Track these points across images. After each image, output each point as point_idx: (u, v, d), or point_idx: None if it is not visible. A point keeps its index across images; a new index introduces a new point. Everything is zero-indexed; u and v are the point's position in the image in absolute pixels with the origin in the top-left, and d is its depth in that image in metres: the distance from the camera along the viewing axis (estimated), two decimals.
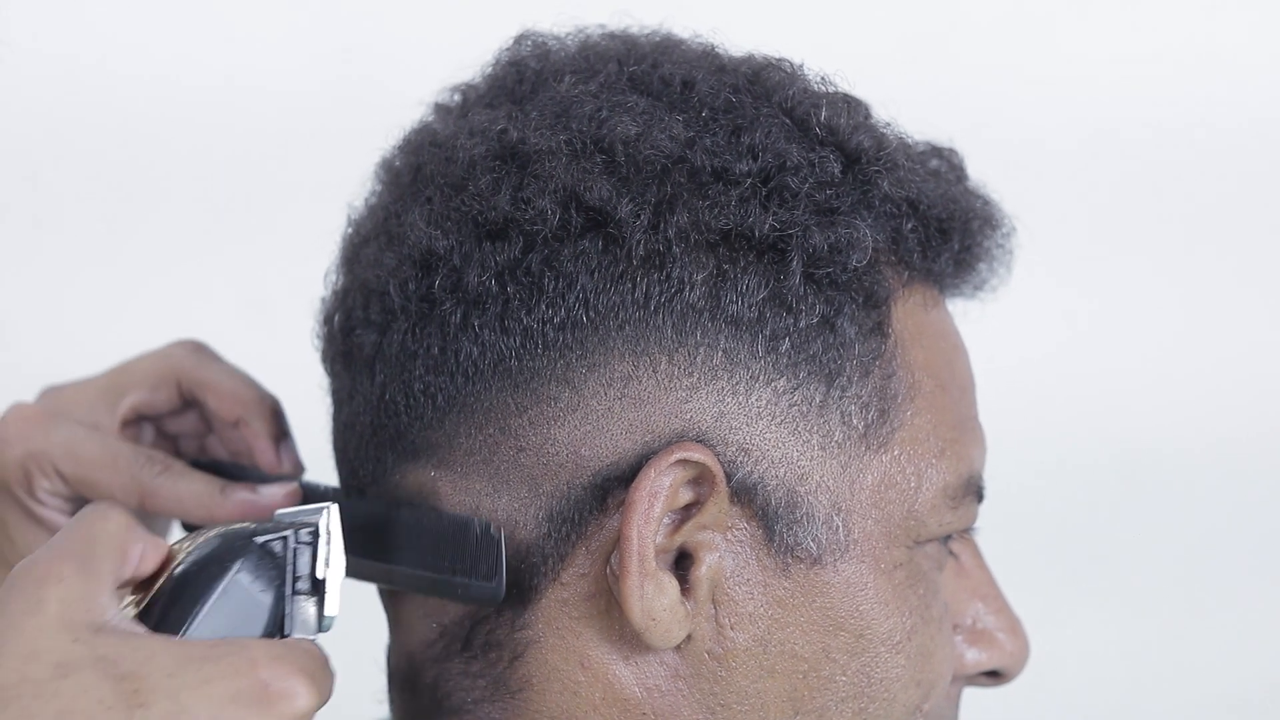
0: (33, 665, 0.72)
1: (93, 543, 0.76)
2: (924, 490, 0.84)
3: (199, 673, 0.73)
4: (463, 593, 0.83)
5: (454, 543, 0.83)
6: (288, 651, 0.75)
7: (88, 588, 0.75)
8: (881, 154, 0.85)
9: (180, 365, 0.96)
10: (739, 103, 0.85)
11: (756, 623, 0.82)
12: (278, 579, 0.79)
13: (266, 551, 0.79)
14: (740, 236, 0.82)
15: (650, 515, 0.80)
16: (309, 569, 0.79)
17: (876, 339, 0.84)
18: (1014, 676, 0.90)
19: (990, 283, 0.91)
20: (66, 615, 0.74)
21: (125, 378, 0.97)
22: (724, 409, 0.82)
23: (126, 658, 0.73)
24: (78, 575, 0.75)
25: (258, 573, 0.78)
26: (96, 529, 0.77)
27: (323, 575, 0.79)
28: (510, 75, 0.89)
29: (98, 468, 0.93)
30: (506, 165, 0.83)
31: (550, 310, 0.82)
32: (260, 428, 0.95)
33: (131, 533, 0.77)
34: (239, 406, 0.95)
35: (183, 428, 0.98)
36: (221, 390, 0.95)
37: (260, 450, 0.94)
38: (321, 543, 0.80)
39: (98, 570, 0.75)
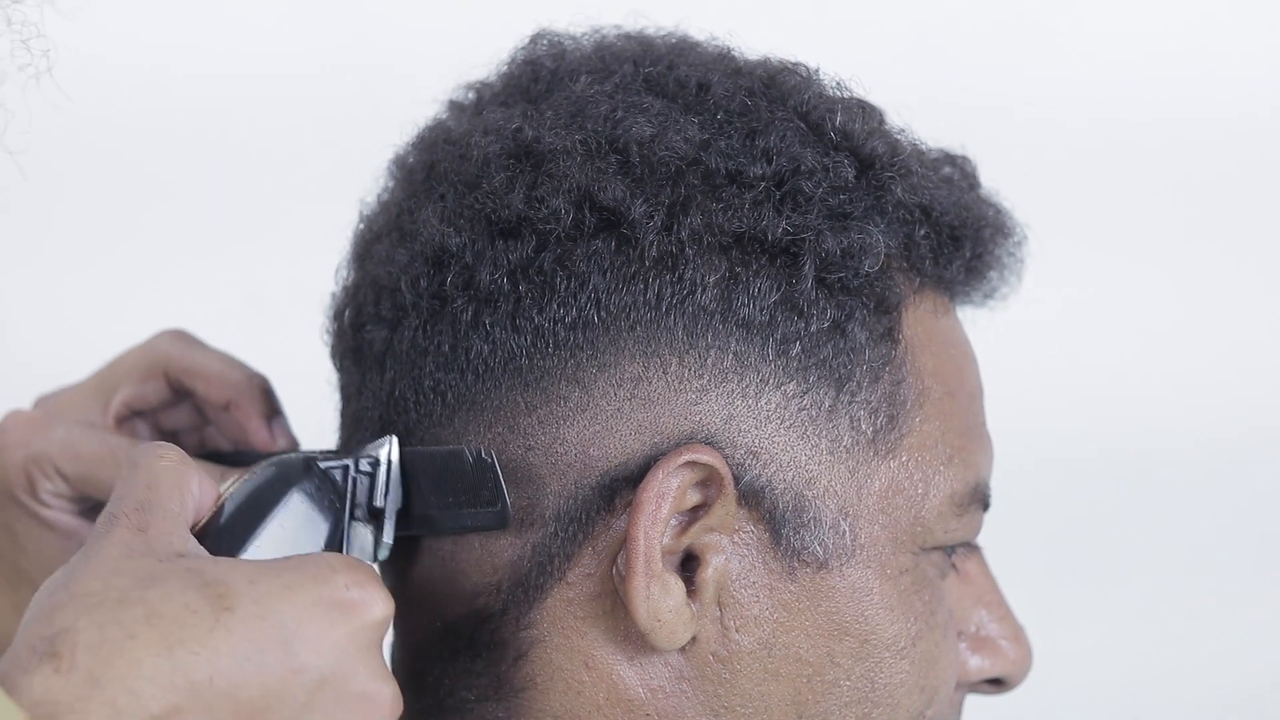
0: (118, 577, 0.72)
1: (154, 484, 0.77)
2: (931, 497, 0.84)
3: (281, 579, 0.74)
4: (471, 522, 0.83)
5: (451, 476, 0.83)
6: (365, 566, 0.77)
7: (164, 525, 0.76)
8: (895, 160, 0.85)
9: (166, 354, 0.96)
10: (754, 106, 0.85)
11: (761, 626, 0.82)
12: (338, 505, 0.80)
13: (327, 477, 0.80)
14: (753, 239, 0.82)
15: (657, 516, 0.80)
16: (366, 498, 0.81)
17: (887, 345, 0.84)
18: (1016, 684, 0.90)
19: (1001, 291, 0.91)
20: (148, 546, 0.74)
21: (113, 374, 0.97)
22: (733, 411, 0.82)
23: (209, 569, 0.73)
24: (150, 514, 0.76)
25: (318, 495, 0.80)
26: (155, 469, 0.78)
27: (381, 504, 0.81)
28: (525, 74, 0.89)
29: (98, 463, 0.93)
30: (521, 164, 0.83)
31: (562, 309, 0.82)
32: (250, 407, 0.95)
33: (188, 466, 0.78)
34: (227, 388, 0.95)
35: (178, 422, 0.98)
36: (209, 374, 0.95)
37: (253, 430, 0.94)
38: (380, 472, 0.81)
39: (167, 507, 0.76)
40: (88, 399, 0.96)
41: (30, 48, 0.75)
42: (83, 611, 0.71)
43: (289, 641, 0.73)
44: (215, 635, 0.71)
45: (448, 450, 0.83)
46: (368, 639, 0.75)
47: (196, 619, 0.71)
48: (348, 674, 0.74)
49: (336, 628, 0.74)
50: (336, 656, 0.74)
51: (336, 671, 0.74)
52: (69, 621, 0.71)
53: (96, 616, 0.71)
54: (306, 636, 0.73)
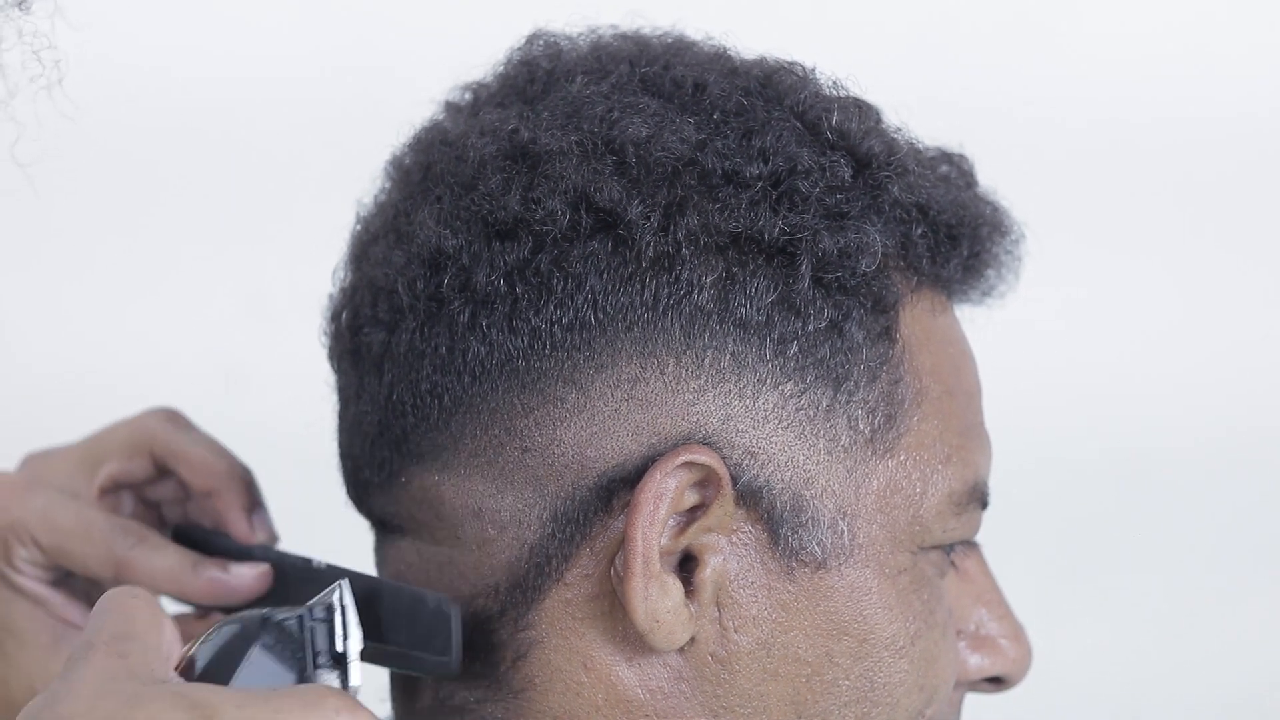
0: (103, 701, 0.71)
1: (132, 618, 0.76)
2: (929, 496, 0.84)
3: (270, 704, 0.72)
4: (417, 665, 0.83)
5: (409, 616, 0.83)
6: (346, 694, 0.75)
7: (145, 654, 0.74)
8: (892, 159, 0.85)
9: (153, 436, 0.96)
10: (750, 106, 0.84)
11: (760, 626, 0.82)
12: (299, 654, 0.79)
13: (283, 630, 0.80)
14: (750, 240, 0.82)
15: (655, 517, 0.80)
16: (328, 644, 0.79)
17: (884, 344, 0.84)
18: (1016, 683, 0.90)
19: (999, 289, 0.91)
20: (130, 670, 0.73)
21: (101, 447, 0.97)
22: (731, 412, 0.82)
23: (195, 693, 0.72)
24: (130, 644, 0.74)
25: (277, 650, 0.79)
26: (131, 606, 0.76)
27: (342, 648, 0.80)
28: (522, 75, 0.88)
29: (73, 538, 0.93)
30: (517, 165, 0.83)
31: (558, 311, 0.82)
32: (232, 499, 0.95)
33: (161, 614, 0.77)
34: (210, 478, 0.95)
35: (163, 494, 0.98)
36: (193, 462, 0.95)
37: (232, 522, 0.94)
38: (337, 617, 0.80)
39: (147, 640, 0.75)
40: (75, 468, 0.96)
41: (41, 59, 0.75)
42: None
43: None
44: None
45: (412, 591, 0.83)
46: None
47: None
48: None
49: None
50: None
51: None
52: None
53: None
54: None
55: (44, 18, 0.76)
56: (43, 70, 0.76)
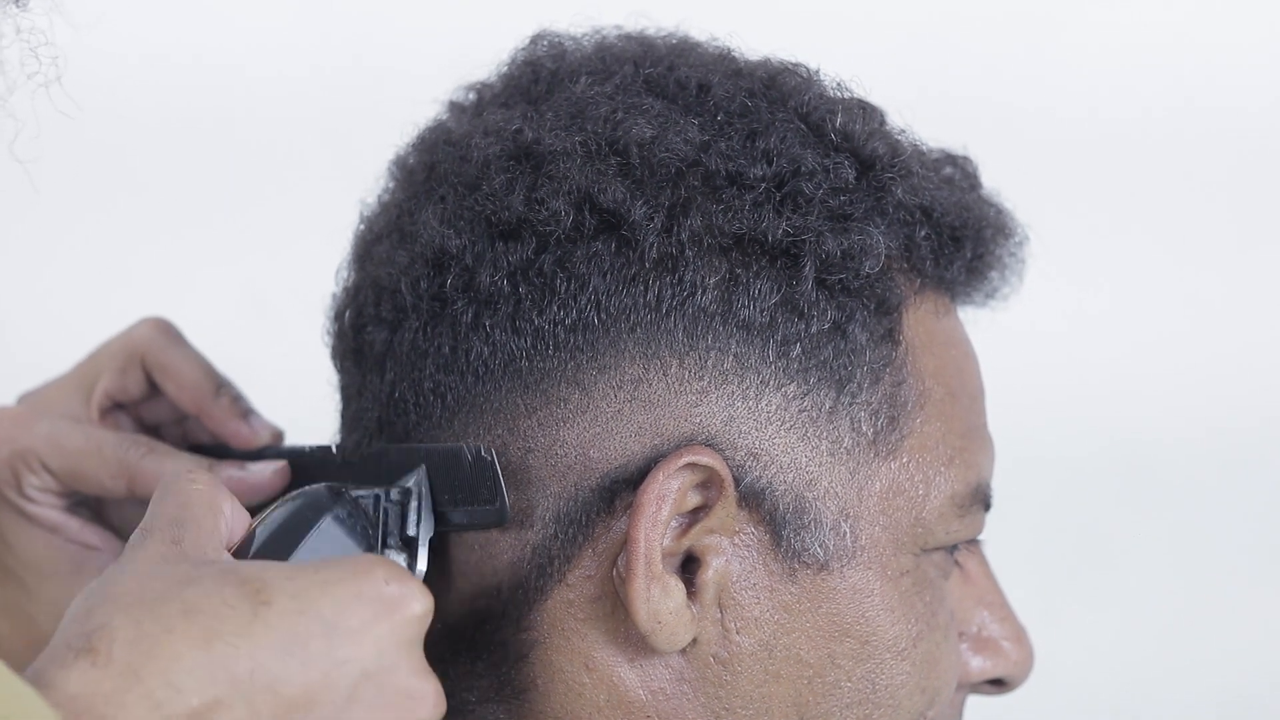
0: (155, 580, 0.72)
1: (189, 503, 0.77)
2: (932, 498, 0.84)
3: (319, 575, 0.74)
4: (469, 519, 0.83)
5: (449, 473, 0.83)
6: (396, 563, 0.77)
7: (199, 538, 0.76)
8: (896, 161, 0.85)
9: (144, 347, 0.95)
10: (754, 107, 0.84)
11: (762, 627, 0.82)
12: (369, 531, 0.80)
13: (356, 505, 0.80)
14: (753, 241, 0.82)
15: (658, 518, 0.80)
16: (399, 526, 0.81)
17: (887, 346, 0.84)
18: (1018, 685, 0.90)
19: (1002, 291, 0.91)
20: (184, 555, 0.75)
21: (94, 365, 0.96)
22: (734, 413, 0.82)
23: (245, 569, 0.74)
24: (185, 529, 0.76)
25: (350, 522, 0.80)
26: (188, 490, 0.78)
27: (414, 533, 0.81)
28: (526, 75, 0.89)
29: (84, 457, 0.93)
30: (521, 165, 0.83)
31: (562, 311, 0.82)
32: (222, 413, 0.94)
33: (220, 491, 0.78)
34: (197, 397, 0.94)
35: (160, 415, 0.97)
36: (180, 380, 0.94)
37: (231, 434, 0.94)
38: (412, 502, 0.81)
39: (203, 524, 0.76)
40: (70, 392, 0.96)
41: (39, 56, 0.75)
42: (119, 609, 0.71)
43: (330, 635, 0.73)
44: (254, 628, 0.71)
45: (446, 448, 0.83)
46: (409, 634, 0.75)
47: (235, 613, 0.71)
48: (390, 669, 0.74)
49: (378, 622, 0.74)
50: (379, 650, 0.74)
51: (379, 665, 0.74)
52: (105, 619, 0.71)
53: (134, 613, 0.71)
54: (347, 630, 0.73)
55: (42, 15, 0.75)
56: (40, 67, 0.76)
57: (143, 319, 0.97)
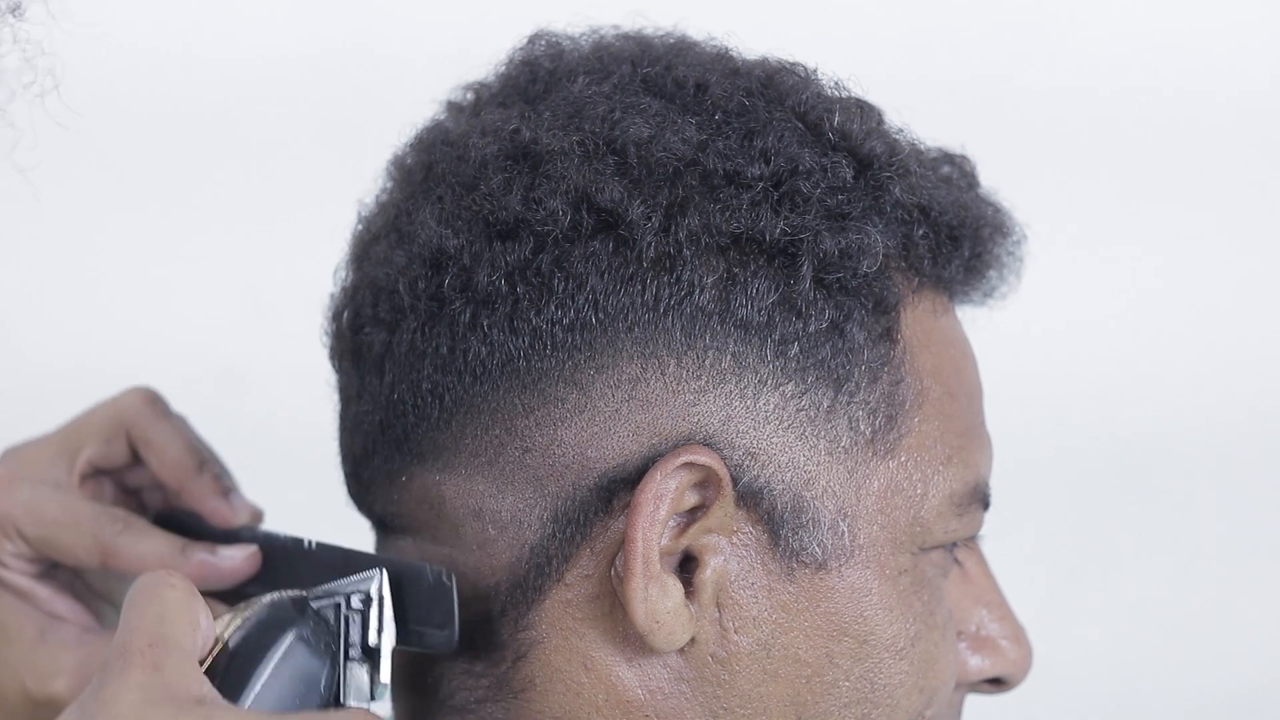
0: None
1: (166, 616, 0.76)
2: (930, 497, 0.84)
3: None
4: (416, 641, 0.83)
5: (409, 590, 0.83)
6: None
7: (180, 665, 0.75)
8: (894, 160, 0.85)
9: (131, 419, 0.95)
10: (752, 106, 0.84)
11: (760, 627, 0.82)
12: (333, 646, 0.80)
13: (320, 619, 0.80)
14: (751, 240, 0.82)
15: (655, 518, 0.80)
16: (360, 637, 0.80)
17: (885, 345, 0.84)
18: (1016, 684, 0.90)
19: (1000, 290, 0.91)
20: (166, 689, 0.74)
21: (79, 432, 0.96)
22: (731, 413, 0.82)
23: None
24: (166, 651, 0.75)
25: (313, 640, 0.79)
26: (166, 599, 0.77)
27: (375, 643, 0.80)
28: (523, 75, 0.88)
29: (60, 528, 0.93)
30: (518, 165, 0.83)
31: (559, 311, 0.82)
32: (203, 491, 0.94)
33: (196, 598, 0.78)
34: (179, 473, 0.94)
35: (143, 480, 0.97)
36: (164, 456, 0.94)
37: (209, 512, 0.94)
38: (373, 610, 0.80)
39: (182, 644, 0.76)
40: (54, 457, 0.96)
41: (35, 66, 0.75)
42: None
43: None
44: None
45: (409, 564, 0.83)
46: None
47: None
48: None
49: None
50: None
51: None
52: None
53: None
54: None
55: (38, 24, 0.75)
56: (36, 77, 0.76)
57: (130, 389, 0.97)
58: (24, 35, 0.75)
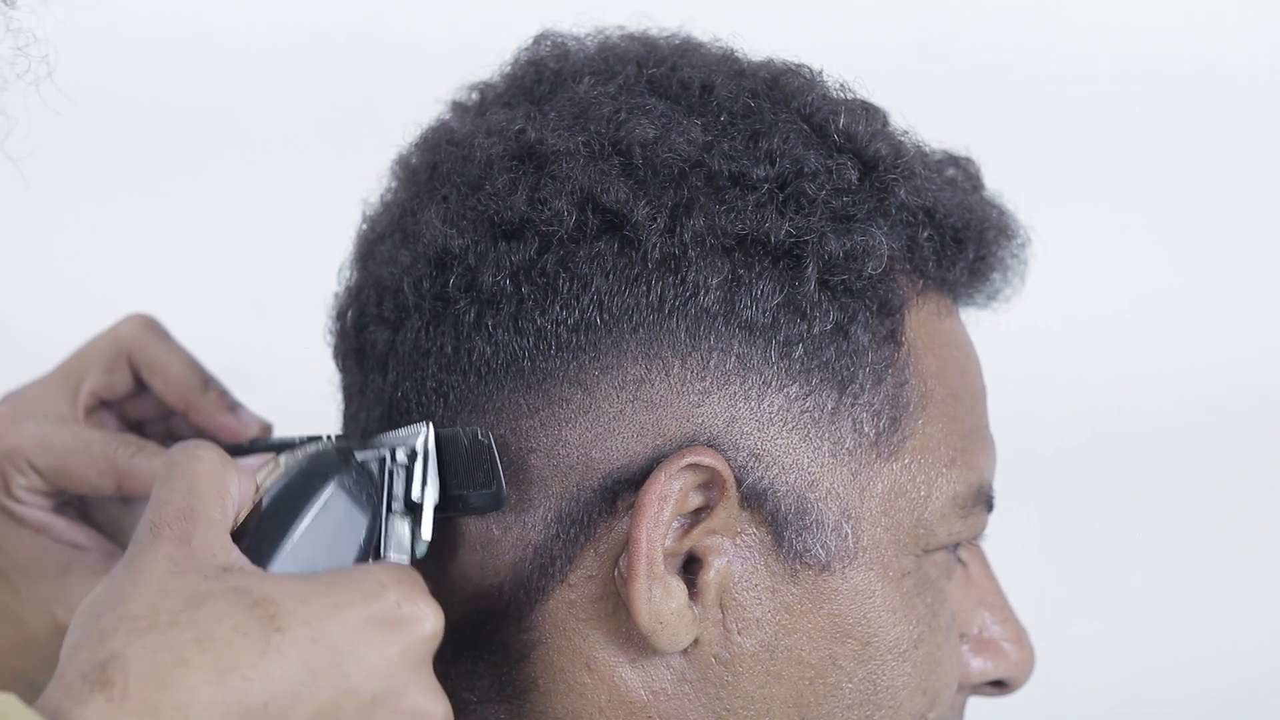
0: (166, 599, 0.73)
1: (195, 489, 0.77)
2: (934, 499, 0.84)
3: (331, 598, 0.74)
4: (465, 504, 0.83)
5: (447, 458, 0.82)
6: (412, 577, 0.77)
7: (207, 535, 0.76)
8: (899, 162, 0.85)
9: (131, 344, 0.96)
10: (757, 108, 0.84)
11: (764, 628, 0.82)
12: (375, 498, 0.80)
13: (364, 470, 0.80)
14: (756, 242, 0.82)
15: (659, 519, 0.80)
16: (404, 491, 0.81)
17: (890, 347, 0.84)
18: (1019, 686, 0.90)
19: (1004, 292, 0.91)
20: (193, 559, 0.75)
21: (79, 364, 0.97)
22: (736, 414, 0.82)
23: (257, 587, 0.74)
24: (194, 523, 0.76)
25: (355, 490, 0.80)
26: (194, 472, 0.78)
27: (419, 498, 0.81)
28: (529, 75, 0.89)
29: (72, 456, 0.93)
30: (523, 165, 0.83)
31: (564, 311, 0.82)
32: (210, 408, 0.94)
33: (227, 466, 0.78)
34: (185, 392, 0.95)
35: (144, 412, 0.98)
36: (168, 376, 0.95)
37: (219, 427, 0.94)
38: (418, 465, 0.81)
39: (210, 515, 0.77)
40: (56, 392, 0.96)
41: (28, 54, 0.75)
42: (133, 636, 0.71)
43: (341, 662, 0.74)
44: (267, 659, 0.72)
45: (443, 431, 0.83)
46: (419, 655, 0.76)
47: (248, 642, 0.72)
48: (400, 691, 0.75)
49: (389, 645, 0.75)
50: (389, 674, 0.75)
51: (389, 689, 0.75)
52: (119, 647, 0.71)
53: (148, 641, 0.71)
54: (359, 656, 0.74)
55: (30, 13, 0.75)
56: (29, 66, 0.76)
57: (128, 316, 0.97)
58: (16, 24, 0.75)
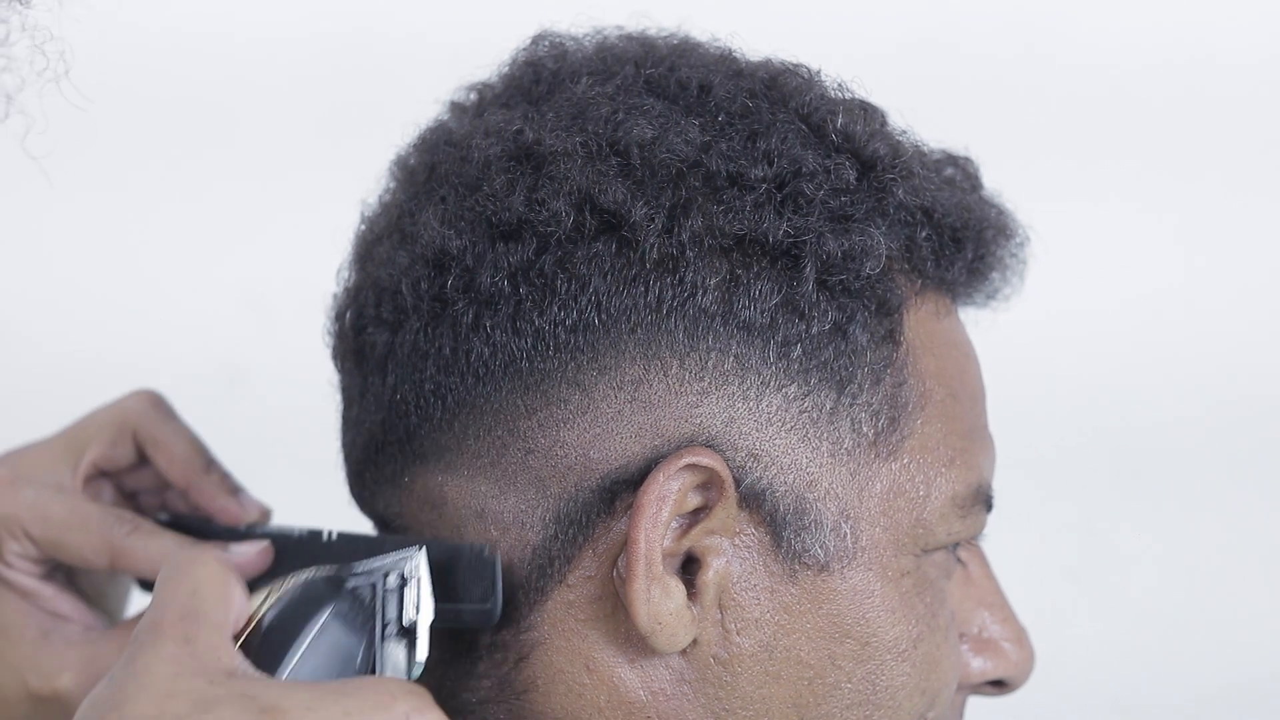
0: (172, 702, 0.72)
1: (199, 590, 0.77)
2: (933, 499, 0.84)
3: (340, 705, 0.73)
4: (453, 618, 0.83)
5: (446, 569, 0.83)
6: (420, 691, 0.76)
7: (211, 638, 0.75)
8: (897, 161, 0.85)
9: (137, 420, 0.96)
10: (755, 108, 0.84)
11: (762, 628, 0.82)
12: (368, 623, 0.80)
13: (356, 597, 0.80)
14: (754, 242, 0.82)
15: (658, 519, 0.80)
16: (397, 614, 0.80)
17: (888, 347, 0.84)
18: (1019, 686, 0.90)
19: (1003, 292, 0.91)
20: (197, 661, 0.74)
21: (83, 434, 0.97)
22: (734, 414, 0.82)
23: (265, 694, 0.73)
24: (197, 625, 0.75)
25: (349, 618, 0.79)
26: (198, 574, 0.77)
27: (412, 621, 0.80)
28: (527, 75, 0.89)
29: (68, 529, 0.93)
30: (521, 166, 0.83)
31: (562, 312, 0.82)
32: (213, 489, 0.94)
33: (229, 572, 0.78)
34: (188, 472, 0.95)
35: (141, 483, 0.98)
36: (172, 455, 0.95)
37: (219, 510, 0.94)
38: (409, 588, 0.80)
39: (215, 619, 0.76)
40: (56, 459, 0.96)
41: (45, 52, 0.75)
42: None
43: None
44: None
45: (446, 545, 0.83)
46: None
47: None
48: None
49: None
50: None
51: None
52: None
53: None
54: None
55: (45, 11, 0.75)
56: (47, 64, 0.76)
57: (134, 391, 0.98)
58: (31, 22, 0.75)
